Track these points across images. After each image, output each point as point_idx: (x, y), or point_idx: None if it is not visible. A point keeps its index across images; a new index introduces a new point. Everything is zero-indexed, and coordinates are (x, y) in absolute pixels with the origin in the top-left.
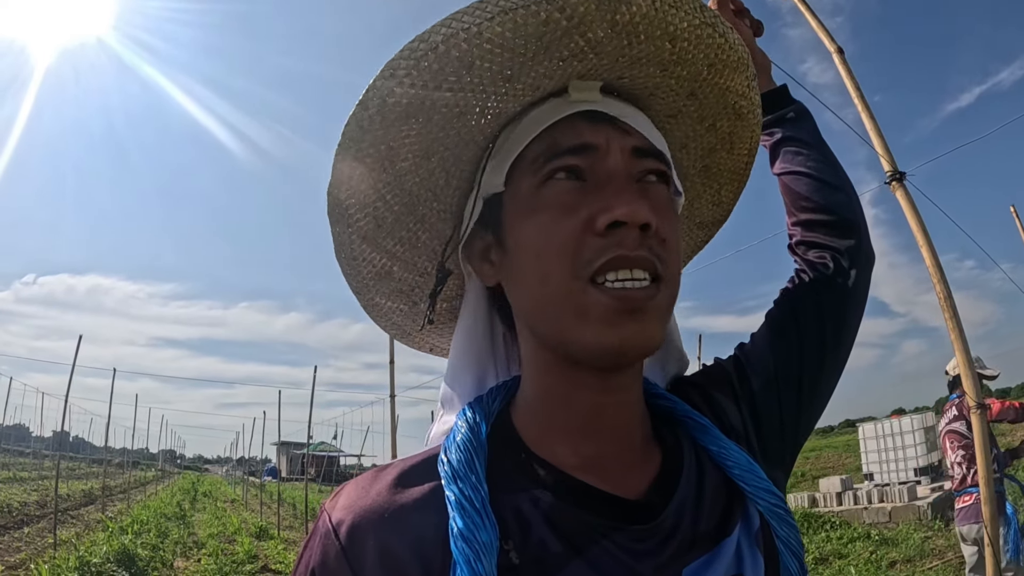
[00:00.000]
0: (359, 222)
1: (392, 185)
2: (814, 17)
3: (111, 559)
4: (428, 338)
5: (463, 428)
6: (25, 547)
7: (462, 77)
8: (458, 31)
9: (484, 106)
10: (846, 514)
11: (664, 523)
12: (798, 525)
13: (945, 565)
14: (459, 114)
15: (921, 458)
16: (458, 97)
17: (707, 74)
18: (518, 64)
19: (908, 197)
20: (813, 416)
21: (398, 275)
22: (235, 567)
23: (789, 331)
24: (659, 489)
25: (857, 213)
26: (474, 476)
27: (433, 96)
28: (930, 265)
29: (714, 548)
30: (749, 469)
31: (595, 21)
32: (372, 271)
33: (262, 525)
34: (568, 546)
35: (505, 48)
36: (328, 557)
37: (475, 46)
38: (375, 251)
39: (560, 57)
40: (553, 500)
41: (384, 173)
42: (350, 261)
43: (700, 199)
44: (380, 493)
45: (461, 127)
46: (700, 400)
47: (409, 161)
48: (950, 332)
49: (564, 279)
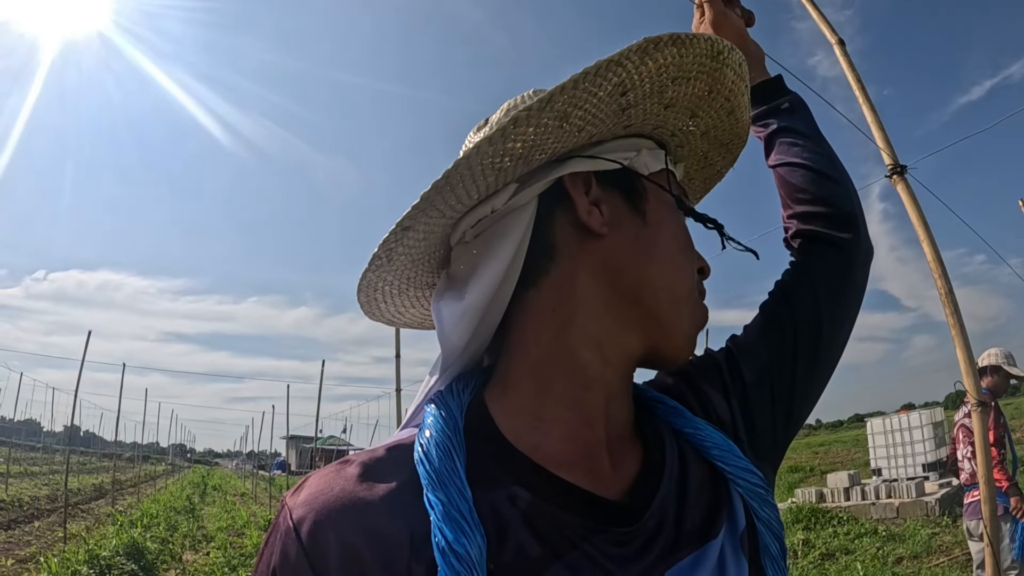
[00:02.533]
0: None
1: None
2: (815, 9)
3: (120, 552)
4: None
5: (437, 421)
6: (36, 541)
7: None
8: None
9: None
10: (853, 509)
11: (647, 523)
12: (805, 520)
13: (952, 562)
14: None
15: (929, 454)
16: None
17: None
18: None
19: (909, 191)
20: (804, 411)
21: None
22: (243, 560)
23: (785, 324)
24: (642, 486)
25: (855, 205)
26: (458, 480)
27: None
28: (931, 260)
29: (698, 550)
30: (728, 449)
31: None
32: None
33: (271, 518)
34: (547, 550)
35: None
36: (288, 556)
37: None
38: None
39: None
40: (532, 499)
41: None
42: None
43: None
44: (344, 489)
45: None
46: (687, 388)
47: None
48: (951, 328)
49: (691, 283)
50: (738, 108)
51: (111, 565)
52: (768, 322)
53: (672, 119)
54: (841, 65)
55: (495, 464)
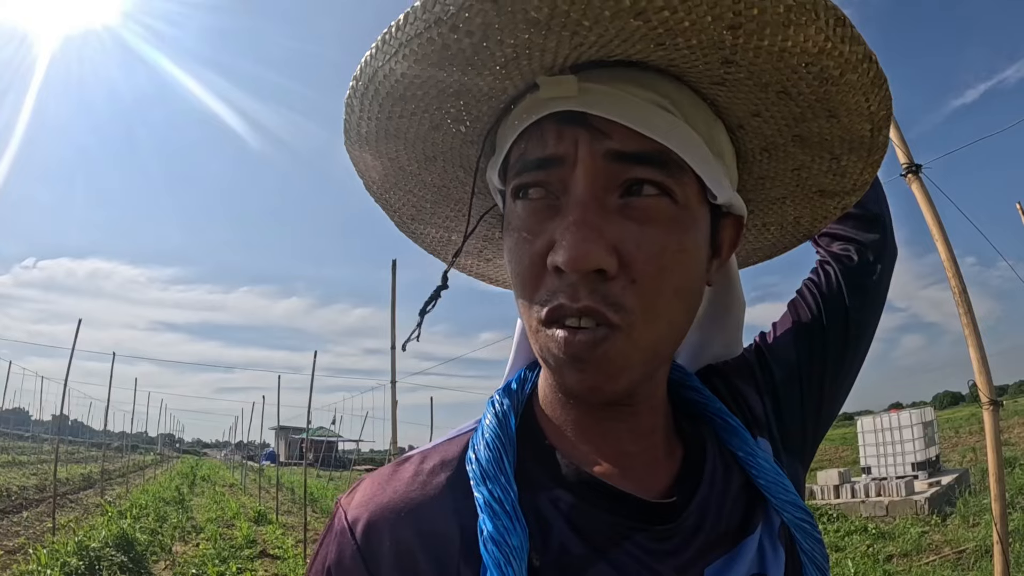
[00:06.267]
0: (401, 209)
1: (412, 182)
2: None
3: (110, 543)
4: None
5: (492, 422)
6: (24, 531)
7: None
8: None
9: (458, 117)
10: (843, 507)
11: (686, 522)
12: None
13: (942, 560)
14: (432, 128)
15: (919, 453)
16: (420, 119)
17: (732, 39)
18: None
19: (924, 190)
20: (834, 410)
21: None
22: (233, 552)
23: (814, 324)
24: (680, 486)
25: (883, 206)
26: (503, 476)
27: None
28: (945, 260)
29: (736, 546)
30: (776, 480)
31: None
32: (432, 239)
33: (260, 510)
34: (590, 548)
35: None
36: (344, 556)
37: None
38: (429, 227)
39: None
40: (573, 500)
41: (400, 176)
42: (411, 234)
43: (809, 168)
44: (397, 489)
45: (439, 138)
46: (724, 389)
47: (415, 165)
48: (964, 327)
49: (527, 313)
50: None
51: (100, 557)
52: (797, 321)
53: None
54: None
55: (538, 466)
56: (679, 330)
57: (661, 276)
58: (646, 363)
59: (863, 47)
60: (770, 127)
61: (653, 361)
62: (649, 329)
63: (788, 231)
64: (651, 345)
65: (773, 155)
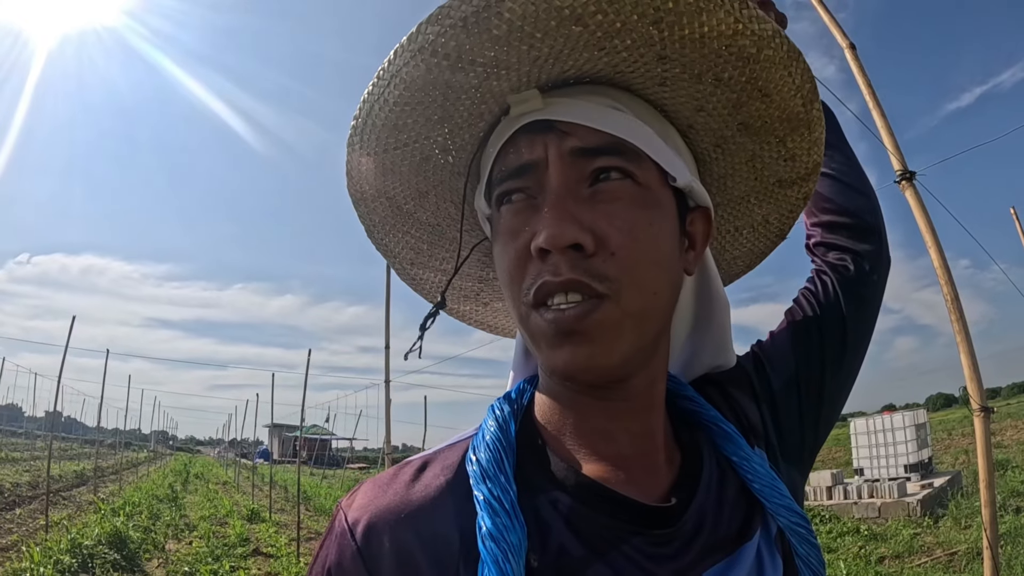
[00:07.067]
0: (400, 253)
1: (409, 223)
2: (827, 12)
3: (103, 541)
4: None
5: (492, 426)
6: (17, 529)
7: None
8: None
9: (445, 146)
10: (836, 508)
11: (684, 527)
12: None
13: (934, 562)
14: (422, 160)
15: (912, 455)
16: (412, 149)
17: (659, 32)
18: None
19: (917, 197)
20: (832, 418)
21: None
22: (227, 550)
23: (811, 333)
24: (679, 492)
25: (878, 217)
26: (503, 476)
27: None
28: (938, 267)
29: (734, 552)
30: (771, 485)
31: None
32: (432, 284)
33: (254, 508)
34: (588, 550)
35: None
36: (344, 557)
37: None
38: (427, 271)
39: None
40: (572, 503)
41: (398, 217)
42: (411, 281)
43: (761, 157)
44: (398, 492)
45: (430, 170)
46: (719, 398)
47: (411, 203)
48: (956, 333)
49: (517, 305)
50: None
51: (94, 554)
52: (794, 330)
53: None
54: (852, 69)
55: (537, 469)
56: (665, 302)
57: (637, 247)
58: (637, 332)
59: (770, 24)
60: (715, 120)
61: (643, 331)
62: (635, 295)
63: (760, 232)
64: (639, 311)
65: (725, 149)
